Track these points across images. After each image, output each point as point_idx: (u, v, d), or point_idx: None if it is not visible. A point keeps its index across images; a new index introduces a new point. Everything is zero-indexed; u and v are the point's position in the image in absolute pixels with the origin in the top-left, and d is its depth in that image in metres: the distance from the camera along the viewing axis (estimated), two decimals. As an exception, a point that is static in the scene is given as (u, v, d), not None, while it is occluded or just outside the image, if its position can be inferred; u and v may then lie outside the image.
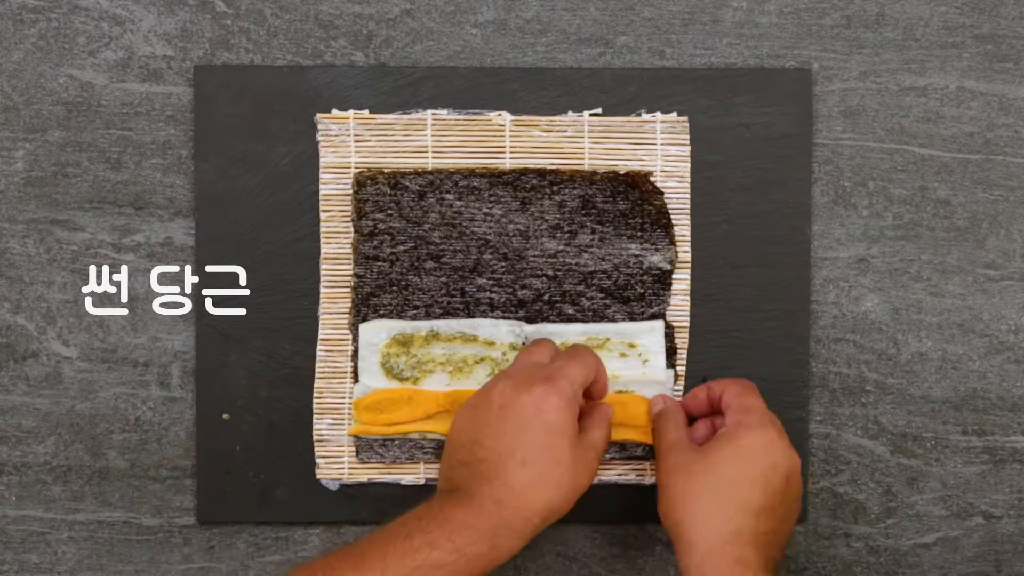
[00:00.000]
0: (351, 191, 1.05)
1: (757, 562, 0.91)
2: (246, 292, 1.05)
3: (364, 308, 1.05)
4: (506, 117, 1.05)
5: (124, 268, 1.06)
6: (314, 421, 1.06)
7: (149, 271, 1.06)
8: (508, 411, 0.92)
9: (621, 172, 1.05)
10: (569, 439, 0.91)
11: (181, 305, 1.06)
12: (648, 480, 1.07)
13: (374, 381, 1.04)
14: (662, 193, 1.05)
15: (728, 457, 0.94)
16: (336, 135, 1.05)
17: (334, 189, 1.05)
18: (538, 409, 0.91)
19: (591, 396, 0.98)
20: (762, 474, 0.93)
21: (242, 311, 1.05)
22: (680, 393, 1.06)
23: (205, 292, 1.05)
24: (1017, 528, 1.08)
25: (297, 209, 1.05)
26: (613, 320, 1.05)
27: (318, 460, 1.06)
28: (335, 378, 1.06)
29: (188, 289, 1.06)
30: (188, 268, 1.06)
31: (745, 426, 0.95)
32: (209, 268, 1.05)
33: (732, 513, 0.92)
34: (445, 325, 1.05)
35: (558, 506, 0.91)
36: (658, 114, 1.06)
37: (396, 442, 1.06)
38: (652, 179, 1.05)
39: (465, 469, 0.92)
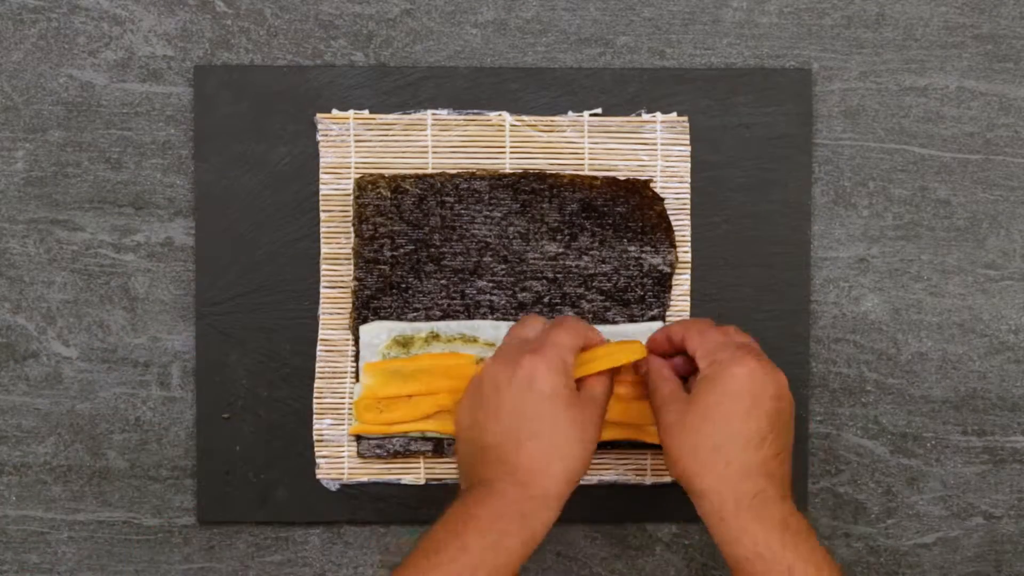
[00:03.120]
0: (352, 194, 1.05)
1: (773, 492, 0.90)
2: (246, 292, 1.05)
3: (365, 311, 1.05)
4: (506, 117, 1.05)
5: (124, 268, 1.06)
6: (314, 421, 1.06)
7: (149, 271, 1.06)
8: (502, 391, 0.91)
9: (621, 178, 1.05)
10: (567, 404, 0.91)
11: (181, 305, 1.06)
12: (648, 480, 1.07)
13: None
14: (662, 200, 1.05)
15: (716, 399, 0.91)
16: (336, 135, 1.05)
17: (334, 189, 1.05)
18: (530, 382, 0.91)
19: None
20: (753, 405, 0.91)
21: (242, 311, 1.05)
22: (680, 394, 1.06)
23: (203, 292, 1.05)
24: (1017, 528, 1.08)
25: (297, 209, 1.05)
26: (613, 323, 1.05)
27: (318, 460, 1.06)
28: (335, 378, 1.06)
29: (188, 289, 1.06)
30: (188, 268, 1.06)
31: (720, 363, 0.92)
32: (209, 268, 1.05)
33: (736, 453, 0.90)
34: (445, 327, 1.05)
35: (575, 468, 0.91)
36: (658, 114, 1.06)
37: (396, 442, 1.06)
38: (652, 185, 1.05)
39: (477, 460, 0.92)
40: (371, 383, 1.05)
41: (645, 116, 1.06)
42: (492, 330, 1.04)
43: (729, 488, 0.89)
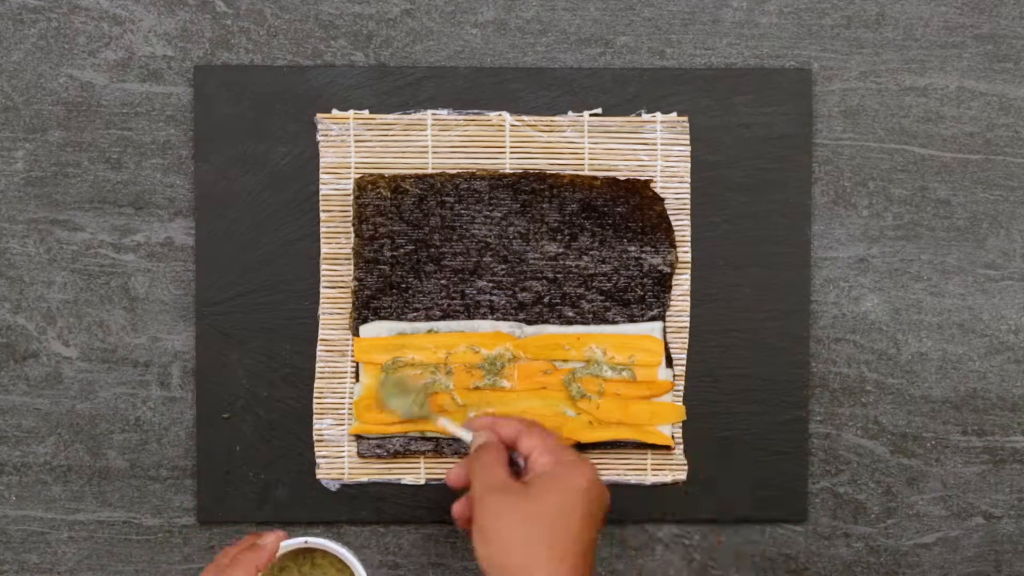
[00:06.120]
0: (352, 194, 1.05)
1: None
2: (246, 292, 1.05)
3: (365, 311, 1.05)
4: (506, 117, 1.05)
5: (124, 268, 1.06)
6: (314, 421, 1.06)
7: (149, 271, 1.06)
8: None
9: (621, 178, 1.05)
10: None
11: (181, 305, 1.06)
12: (648, 480, 1.07)
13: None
14: (662, 200, 1.05)
15: (558, 497, 0.90)
16: (336, 135, 1.05)
17: (334, 189, 1.05)
18: None
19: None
20: (595, 509, 0.92)
21: (242, 311, 1.05)
22: (680, 395, 1.06)
23: (203, 292, 1.05)
24: (1017, 528, 1.08)
25: (297, 209, 1.05)
26: (613, 322, 1.05)
27: (318, 460, 1.06)
28: (335, 378, 1.06)
29: (188, 289, 1.06)
30: (188, 268, 1.06)
31: (568, 464, 0.92)
32: (209, 268, 1.05)
33: (566, 553, 0.89)
34: (445, 327, 1.05)
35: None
36: (658, 114, 1.06)
37: (396, 441, 1.06)
38: (652, 185, 1.05)
39: None
40: (371, 383, 1.05)
41: (645, 116, 1.06)
42: (492, 330, 1.04)
43: None
